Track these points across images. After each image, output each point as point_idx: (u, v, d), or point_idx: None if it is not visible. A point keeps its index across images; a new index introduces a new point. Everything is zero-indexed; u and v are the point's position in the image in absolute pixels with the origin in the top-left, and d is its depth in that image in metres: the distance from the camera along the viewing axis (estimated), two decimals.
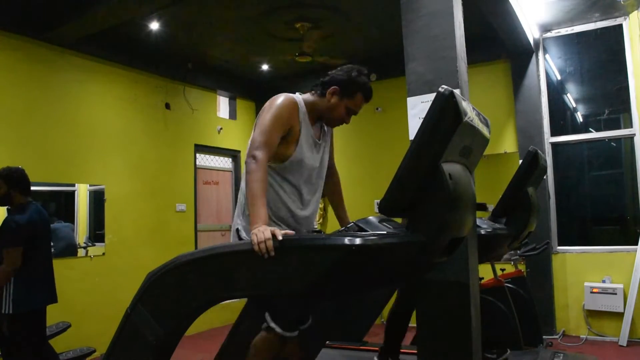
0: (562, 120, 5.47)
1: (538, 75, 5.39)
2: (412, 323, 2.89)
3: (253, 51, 5.89)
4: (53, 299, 3.33)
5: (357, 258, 1.42)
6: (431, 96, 1.57)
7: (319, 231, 2.53)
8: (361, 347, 3.93)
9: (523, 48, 5.27)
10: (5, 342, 3.16)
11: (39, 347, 3.25)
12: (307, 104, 2.12)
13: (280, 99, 2.04)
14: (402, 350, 3.16)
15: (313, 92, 2.15)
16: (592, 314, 4.96)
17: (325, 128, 2.26)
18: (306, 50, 5.25)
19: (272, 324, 1.99)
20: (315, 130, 2.17)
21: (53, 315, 3.45)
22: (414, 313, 2.66)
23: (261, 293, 1.74)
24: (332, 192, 2.45)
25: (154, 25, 4.99)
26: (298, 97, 2.11)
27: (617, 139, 5.23)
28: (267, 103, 2.05)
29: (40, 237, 3.22)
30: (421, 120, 1.57)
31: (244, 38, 5.50)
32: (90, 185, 5.07)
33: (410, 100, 2.63)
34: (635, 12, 4.89)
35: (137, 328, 1.77)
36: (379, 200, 1.61)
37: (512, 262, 4.60)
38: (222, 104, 6.85)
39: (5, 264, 3.03)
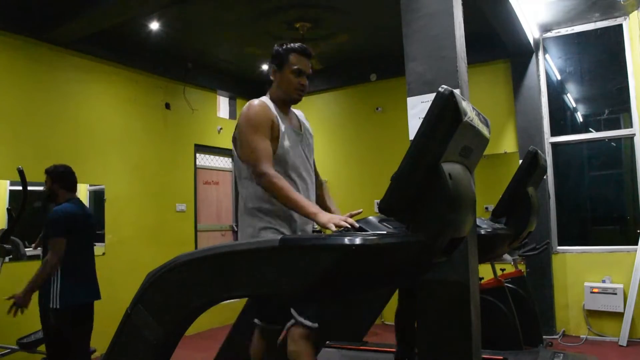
0: (562, 120, 5.47)
1: (538, 75, 5.39)
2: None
3: (253, 51, 5.89)
4: (97, 294, 3.34)
5: (357, 258, 1.42)
6: (431, 96, 1.57)
7: (319, 231, 2.53)
8: (361, 347, 3.93)
9: (523, 48, 5.27)
10: (50, 336, 3.22)
11: (83, 343, 3.26)
12: (272, 99, 2.23)
13: (249, 108, 2.13)
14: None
15: (267, 91, 2.28)
16: (592, 314, 4.96)
17: (303, 120, 2.35)
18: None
19: (300, 318, 1.99)
20: (292, 120, 2.27)
21: None
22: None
23: (261, 293, 1.74)
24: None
25: (154, 25, 4.99)
26: (263, 97, 2.22)
27: (617, 139, 5.22)
28: (241, 118, 2.14)
29: (81, 231, 3.26)
30: (421, 120, 1.57)
31: (244, 38, 5.50)
32: (90, 185, 5.07)
33: (410, 100, 2.63)
34: (635, 12, 4.89)
35: (137, 328, 1.77)
36: (379, 200, 1.61)
37: (512, 262, 4.60)
38: (222, 104, 6.85)
39: (50, 253, 3.07)
